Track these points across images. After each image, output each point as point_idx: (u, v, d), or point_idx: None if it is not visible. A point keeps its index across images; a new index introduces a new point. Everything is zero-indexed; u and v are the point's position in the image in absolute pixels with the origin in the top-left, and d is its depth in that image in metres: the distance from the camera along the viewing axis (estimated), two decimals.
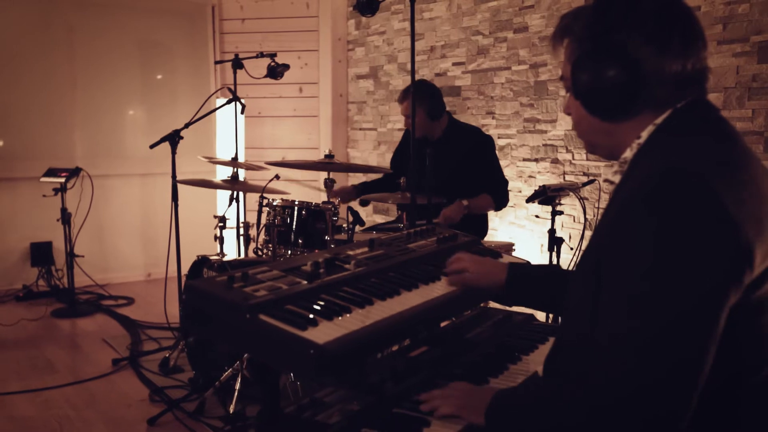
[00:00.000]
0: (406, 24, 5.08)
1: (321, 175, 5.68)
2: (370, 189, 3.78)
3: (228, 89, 3.77)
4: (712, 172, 1.03)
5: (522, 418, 1.16)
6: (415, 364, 1.50)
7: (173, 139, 3.57)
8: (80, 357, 3.80)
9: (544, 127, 4.09)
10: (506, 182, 3.62)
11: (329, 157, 3.07)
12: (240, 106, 3.69)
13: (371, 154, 5.51)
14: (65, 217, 4.57)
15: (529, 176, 4.20)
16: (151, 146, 3.57)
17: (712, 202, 1.00)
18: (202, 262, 3.39)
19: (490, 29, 4.41)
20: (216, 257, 3.46)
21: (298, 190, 5.37)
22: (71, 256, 4.62)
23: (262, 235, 3.23)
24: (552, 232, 3.33)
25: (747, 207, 1.03)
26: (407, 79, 5.09)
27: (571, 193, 3.37)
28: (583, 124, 1.24)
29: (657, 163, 1.08)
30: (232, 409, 2.94)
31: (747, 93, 3.09)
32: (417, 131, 3.04)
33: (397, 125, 5.25)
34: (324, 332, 1.21)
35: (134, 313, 4.60)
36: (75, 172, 4.64)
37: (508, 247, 3.60)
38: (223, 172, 5.51)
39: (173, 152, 3.58)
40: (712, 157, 1.08)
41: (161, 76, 5.62)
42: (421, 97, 3.37)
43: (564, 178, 3.97)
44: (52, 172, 4.63)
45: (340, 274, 1.47)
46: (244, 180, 3.77)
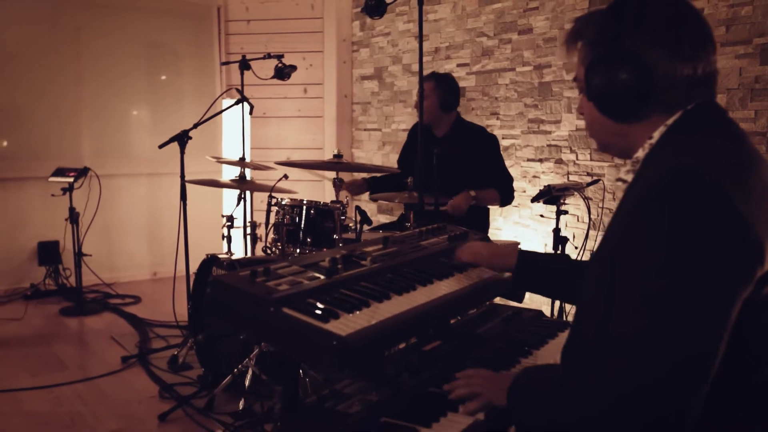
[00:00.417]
0: (411, 25, 5.13)
1: (326, 175, 5.73)
2: (380, 184, 3.83)
3: (236, 90, 3.81)
4: (723, 172, 1.06)
5: (541, 406, 1.20)
6: (429, 357, 1.55)
7: (182, 139, 3.61)
8: (89, 354, 3.84)
9: (549, 127, 4.13)
10: (511, 179, 3.67)
11: (338, 157, 3.11)
12: (249, 107, 3.73)
13: (375, 155, 5.55)
14: (73, 217, 4.61)
15: (534, 176, 4.24)
16: (160, 146, 3.61)
17: (722, 201, 1.03)
18: (211, 260, 3.43)
19: (495, 31, 4.45)
20: (224, 256, 3.50)
21: (303, 190, 5.41)
22: (79, 255, 4.66)
23: (271, 233, 3.27)
24: (557, 232, 3.37)
25: (757, 206, 1.06)
26: (412, 80, 5.14)
27: (576, 193, 3.42)
28: (596, 125, 1.28)
29: (668, 163, 1.11)
30: (242, 406, 2.98)
31: (750, 94, 3.13)
32: (424, 117, 3.17)
33: (401, 126, 5.29)
34: (345, 325, 1.25)
35: (141, 311, 4.64)
36: (83, 172, 4.68)
37: (514, 246, 3.64)
38: (228, 172, 5.55)
39: (182, 152, 3.63)
40: (722, 158, 1.11)
41: (167, 77, 5.67)
42: (440, 84, 3.57)
43: (568, 178, 4.01)
44: (61, 172, 4.67)
45: (357, 270, 1.52)
46: (251, 180, 3.81)
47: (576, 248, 3.72)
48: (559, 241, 3.35)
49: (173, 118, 5.54)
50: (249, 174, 4.05)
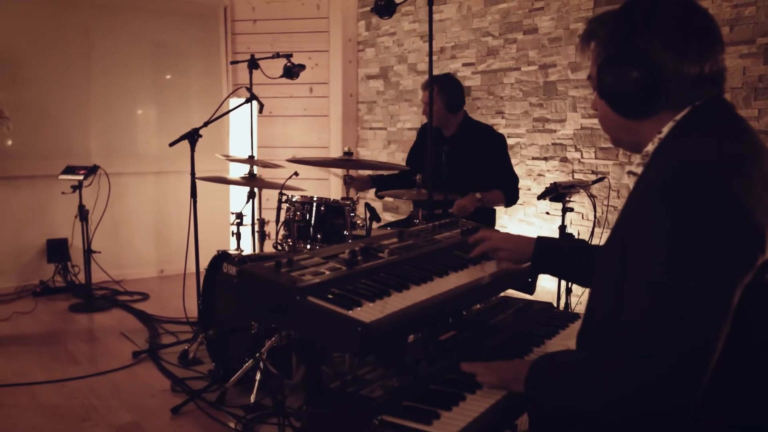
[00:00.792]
0: (417, 25, 5.18)
1: (331, 172, 5.79)
2: (386, 182, 3.88)
3: (246, 89, 3.86)
4: (724, 164, 1.12)
5: (558, 391, 1.25)
6: (446, 347, 1.60)
7: (192, 137, 3.66)
8: (100, 350, 3.89)
9: (554, 126, 4.18)
10: (517, 179, 3.72)
11: (348, 154, 3.16)
12: (258, 106, 3.79)
13: (381, 153, 5.61)
14: (83, 214, 4.66)
15: (539, 174, 4.29)
16: (171, 144, 3.67)
17: (722, 190, 1.09)
18: (222, 257, 3.49)
19: (500, 30, 4.50)
20: (235, 252, 3.55)
21: (308, 187, 5.46)
22: (89, 253, 4.71)
23: (282, 230, 3.32)
24: (562, 229, 3.42)
25: (758, 195, 1.11)
26: (417, 79, 5.19)
27: (581, 191, 3.47)
28: (609, 121, 1.34)
29: (673, 157, 1.17)
30: (253, 399, 3.04)
31: (753, 93, 3.19)
32: (433, 119, 3.23)
33: (407, 125, 5.35)
34: (368, 312, 1.30)
35: (149, 308, 4.68)
36: (93, 170, 4.73)
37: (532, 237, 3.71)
38: (234, 171, 5.61)
39: (192, 150, 3.68)
40: (725, 150, 1.17)
41: (174, 76, 5.72)
42: (443, 88, 3.61)
43: (573, 176, 4.06)
44: (71, 170, 4.72)
45: (376, 262, 1.57)
46: (260, 177, 3.86)
47: None
48: (565, 237, 3.40)
49: (180, 117, 5.60)
50: (256, 172, 4.10)
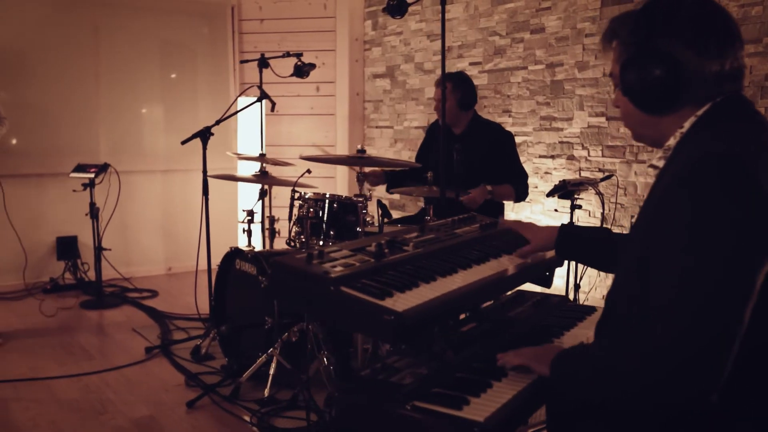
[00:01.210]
0: (423, 24, 5.23)
1: (339, 170, 5.83)
2: (397, 178, 3.93)
3: (258, 88, 3.91)
4: (746, 154, 1.17)
5: (583, 381, 1.29)
6: (469, 337, 1.64)
7: (204, 135, 3.71)
8: (113, 345, 3.94)
9: (560, 124, 4.23)
10: (527, 175, 3.77)
11: (361, 152, 3.21)
12: (271, 104, 3.83)
13: (387, 152, 5.65)
14: (94, 212, 4.70)
15: (546, 172, 4.34)
16: (183, 142, 3.71)
17: (746, 179, 1.14)
18: (235, 253, 3.53)
19: (507, 30, 4.55)
20: (248, 248, 3.60)
21: (315, 185, 5.50)
22: (99, 250, 4.75)
23: (295, 227, 3.36)
24: None
25: None
26: (424, 78, 5.24)
27: (590, 188, 3.51)
28: (631, 118, 1.39)
29: (697, 149, 1.22)
30: (267, 393, 3.08)
31: (760, 92, 3.24)
32: (445, 116, 3.26)
33: (413, 123, 5.39)
34: (400, 302, 1.35)
35: (159, 305, 4.73)
36: (103, 168, 4.77)
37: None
38: (242, 169, 5.66)
39: (204, 148, 3.72)
40: (746, 143, 1.22)
41: (182, 75, 5.76)
42: (457, 85, 3.66)
43: (580, 174, 4.11)
44: (82, 168, 4.76)
45: (402, 254, 1.62)
46: (271, 175, 3.90)
47: None
48: None
49: (187, 116, 5.65)
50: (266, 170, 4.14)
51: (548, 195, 3.50)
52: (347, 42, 5.75)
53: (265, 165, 3.81)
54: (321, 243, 3.28)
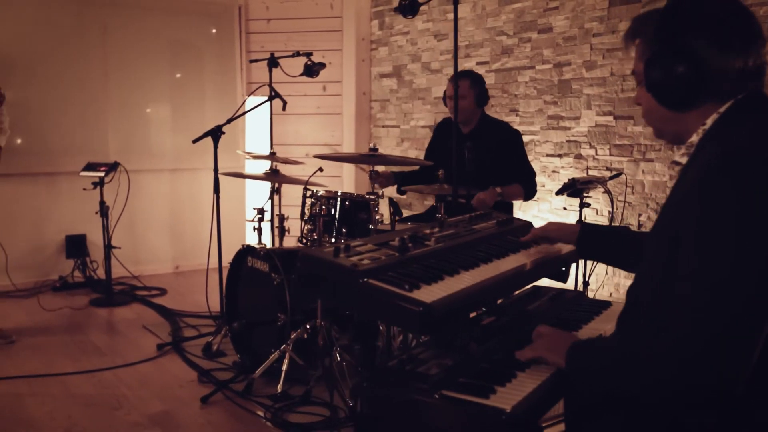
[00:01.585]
0: (430, 24, 5.26)
1: (345, 169, 5.86)
2: (407, 178, 3.96)
3: (270, 87, 3.94)
4: None
5: (600, 372, 1.32)
6: (490, 330, 1.68)
7: (216, 134, 3.75)
8: (125, 342, 3.97)
9: (568, 123, 4.26)
10: (534, 174, 3.81)
11: (374, 150, 3.24)
12: (283, 103, 3.87)
13: (394, 151, 5.68)
14: (103, 210, 4.73)
15: (553, 171, 4.37)
16: (194, 141, 3.75)
17: None
18: (247, 251, 3.56)
19: (515, 30, 4.58)
20: (260, 246, 3.63)
21: (323, 183, 5.53)
22: (109, 248, 4.78)
23: (307, 225, 3.39)
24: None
25: None
26: (431, 78, 5.27)
27: (599, 186, 3.55)
28: (653, 114, 1.42)
29: (725, 144, 1.25)
30: (280, 389, 3.11)
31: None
32: (460, 114, 3.44)
33: (420, 122, 5.42)
34: (427, 294, 1.39)
35: (167, 303, 4.76)
36: (113, 167, 4.81)
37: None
38: (250, 167, 5.69)
39: (215, 147, 3.76)
40: None
41: (189, 74, 5.79)
42: (474, 82, 3.73)
43: (587, 172, 4.14)
44: (92, 167, 4.80)
45: (425, 249, 1.65)
46: (282, 173, 3.93)
47: None
48: None
49: (195, 115, 5.68)
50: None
51: (558, 193, 3.53)
52: (354, 42, 5.78)
53: (275, 163, 3.84)
54: (333, 240, 3.31)
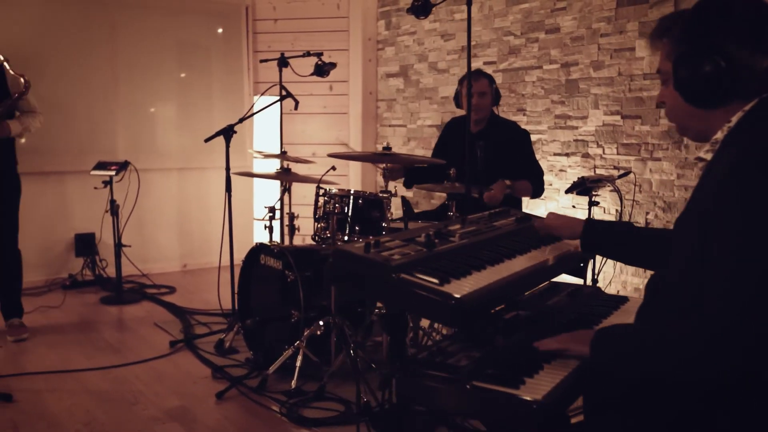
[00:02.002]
0: (437, 24, 5.31)
1: (352, 167, 5.90)
2: (416, 174, 4.00)
3: (281, 87, 3.99)
4: None
5: (627, 356, 1.36)
6: (514, 324, 1.72)
7: (228, 133, 3.79)
8: (137, 339, 4.00)
9: (575, 123, 4.31)
10: (542, 172, 3.85)
11: (387, 149, 3.28)
12: (294, 102, 3.91)
13: (400, 150, 5.72)
14: (113, 209, 4.76)
15: (560, 170, 4.42)
16: (206, 140, 3.79)
17: None
18: (260, 248, 3.60)
19: (522, 30, 4.62)
20: (273, 244, 3.67)
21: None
22: (119, 247, 4.82)
23: (320, 223, 3.43)
24: None
25: None
26: (438, 78, 5.31)
27: (607, 184, 3.59)
28: (679, 111, 1.46)
29: (753, 141, 1.29)
30: (294, 385, 3.15)
31: None
32: (481, 112, 3.65)
33: (427, 122, 5.47)
34: (457, 288, 1.43)
35: (177, 301, 4.79)
36: (124, 166, 4.84)
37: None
38: (258, 166, 5.73)
39: (227, 146, 3.80)
40: None
41: (197, 74, 5.82)
42: (492, 82, 3.83)
43: (594, 171, 4.19)
44: (102, 166, 4.83)
45: (451, 245, 1.70)
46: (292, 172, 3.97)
47: None
48: None
49: (203, 115, 5.72)
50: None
51: (567, 191, 3.57)
52: (360, 42, 5.82)
53: (287, 162, 3.89)
54: (346, 238, 3.36)
